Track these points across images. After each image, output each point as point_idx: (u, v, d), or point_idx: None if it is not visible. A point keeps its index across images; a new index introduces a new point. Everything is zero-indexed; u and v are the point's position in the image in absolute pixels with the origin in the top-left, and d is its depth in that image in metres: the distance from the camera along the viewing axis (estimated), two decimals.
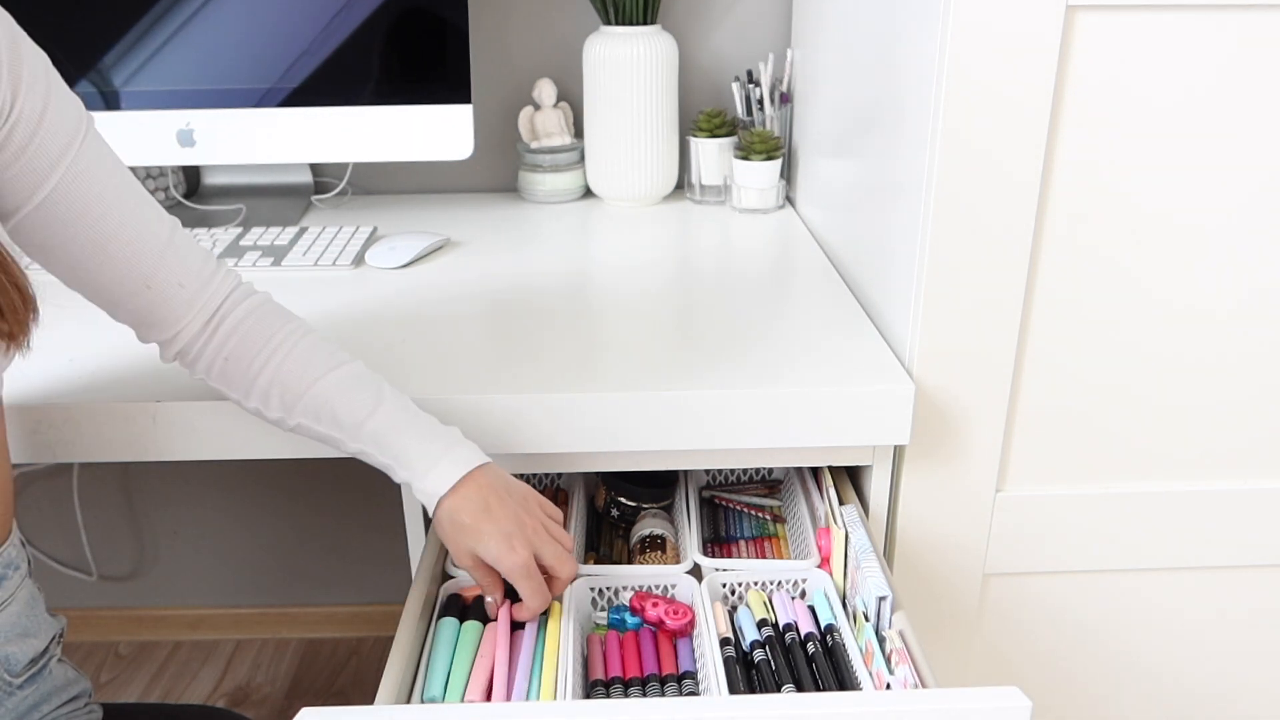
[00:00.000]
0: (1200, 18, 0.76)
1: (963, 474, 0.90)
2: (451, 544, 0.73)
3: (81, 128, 0.64)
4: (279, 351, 0.73)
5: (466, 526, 0.72)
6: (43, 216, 0.64)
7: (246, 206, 1.32)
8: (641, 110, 1.29)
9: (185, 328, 0.72)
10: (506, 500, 0.73)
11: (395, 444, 0.73)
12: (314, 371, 0.73)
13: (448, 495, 0.72)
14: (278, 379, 0.73)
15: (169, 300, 0.71)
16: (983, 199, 0.80)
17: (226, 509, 1.70)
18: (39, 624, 0.74)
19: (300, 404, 0.73)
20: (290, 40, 1.20)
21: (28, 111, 0.60)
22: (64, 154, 0.63)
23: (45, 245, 0.66)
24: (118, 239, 0.67)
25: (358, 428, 0.73)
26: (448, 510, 0.72)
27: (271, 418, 0.74)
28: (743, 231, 1.25)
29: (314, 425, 0.73)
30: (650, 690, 0.72)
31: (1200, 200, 0.82)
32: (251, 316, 0.74)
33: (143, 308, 0.70)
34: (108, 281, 0.68)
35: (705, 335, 0.92)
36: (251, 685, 1.70)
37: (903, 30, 0.86)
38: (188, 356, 0.74)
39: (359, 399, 0.73)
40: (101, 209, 0.66)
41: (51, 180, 0.63)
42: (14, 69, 0.59)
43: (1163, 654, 1.00)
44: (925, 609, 0.96)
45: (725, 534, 0.94)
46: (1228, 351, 0.88)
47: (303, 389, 0.73)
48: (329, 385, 0.73)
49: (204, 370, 0.74)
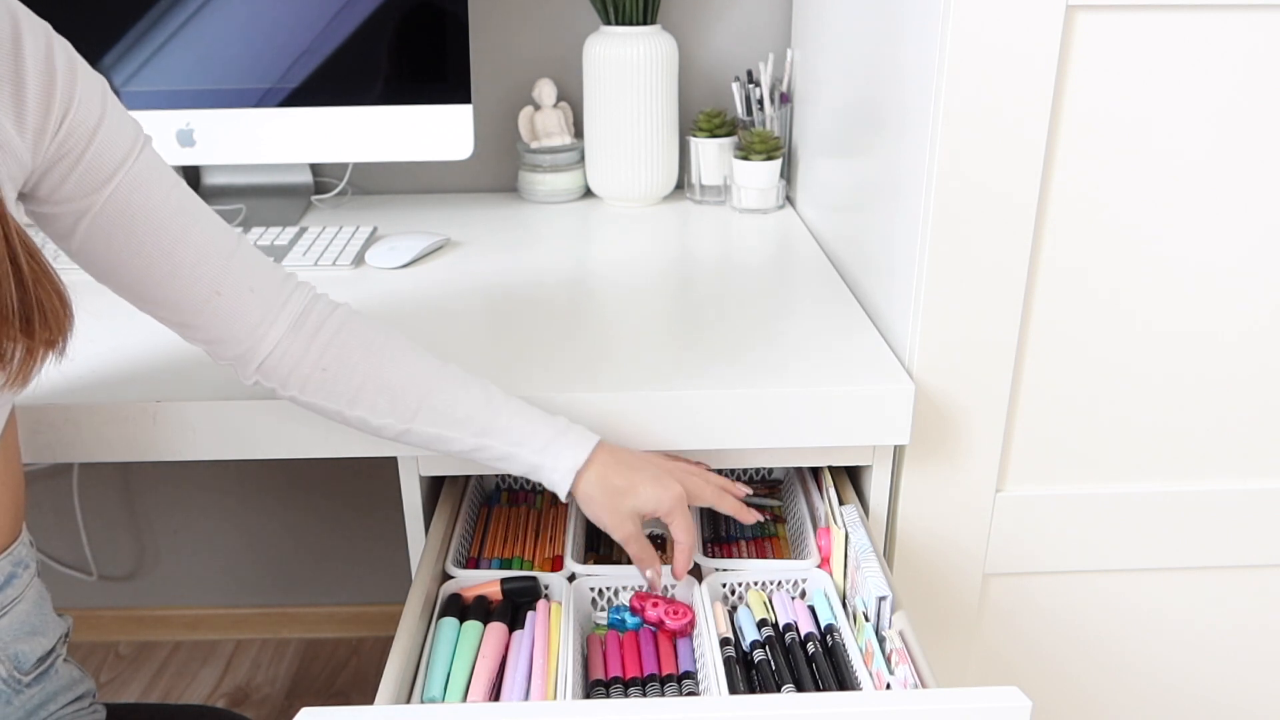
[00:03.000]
0: (1200, 18, 0.76)
1: (963, 474, 0.90)
2: (609, 512, 0.75)
3: (138, 145, 0.66)
4: (383, 357, 0.74)
5: (620, 487, 0.75)
6: (103, 227, 0.65)
7: (246, 206, 1.32)
8: (641, 110, 1.29)
9: (265, 336, 0.71)
10: (638, 455, 0.78)
11: (519, 430, 0.75)
12: (424, 373, 0.74)
13: (586, 467, 0.75)
14: (387, 385, 0.73)
15: (242, 307, 0.70)
16: (983, 199, 0.80)
17: (227, 509, 1.70)
18: (47, 623, 0.75)
19: (415, 407, 0.73)
20: (290, 40, 1.20)
21: (81, 127, 0.62)
22: (119, 168, 0.65)
23: (110, 261, 0.67)
24: (182, 245, 0.68)
25: (478, 421, 0.74)
26: (595, 480, 0.75)
27: (377, 423, 0.74)
28: (743, 231, 1.25)
29: (427, 427, 0.74)
30: (650, 690, 0.72)
31: (1201, 200, 0.82)
32: (346, 327, 0.74)
33: (215, 318, 0.70)
34: (176, 292, 0.69)
35: (705, 335, 0.92)
36: (251, 685, 1.70)
37: (903, 30, 0.86)
38: (274, 370, 0.72)
39: (473, 394, 0.75)
40: (162, 217, 0.67)
41: (107, 190, 0.64)
42: (68, 87, 0.62)
43: (1163, 654, 1.00)
44: (925, 609, 0.96)
45: (725, 534, 0.94)
46: (1228, 352, 0.88)
47: (418, 392, 0.73)
48: (443, 385, 0.74)
49: (297, 384, 0.73)
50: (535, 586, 0.80)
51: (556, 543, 0.90)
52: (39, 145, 0.61)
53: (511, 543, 0.91)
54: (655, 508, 0.76)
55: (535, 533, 0.92)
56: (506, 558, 0.88)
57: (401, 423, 0.74)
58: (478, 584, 0.81)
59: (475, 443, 0.74)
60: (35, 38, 0.61)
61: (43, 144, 0.61)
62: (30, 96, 0.60)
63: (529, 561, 0.88)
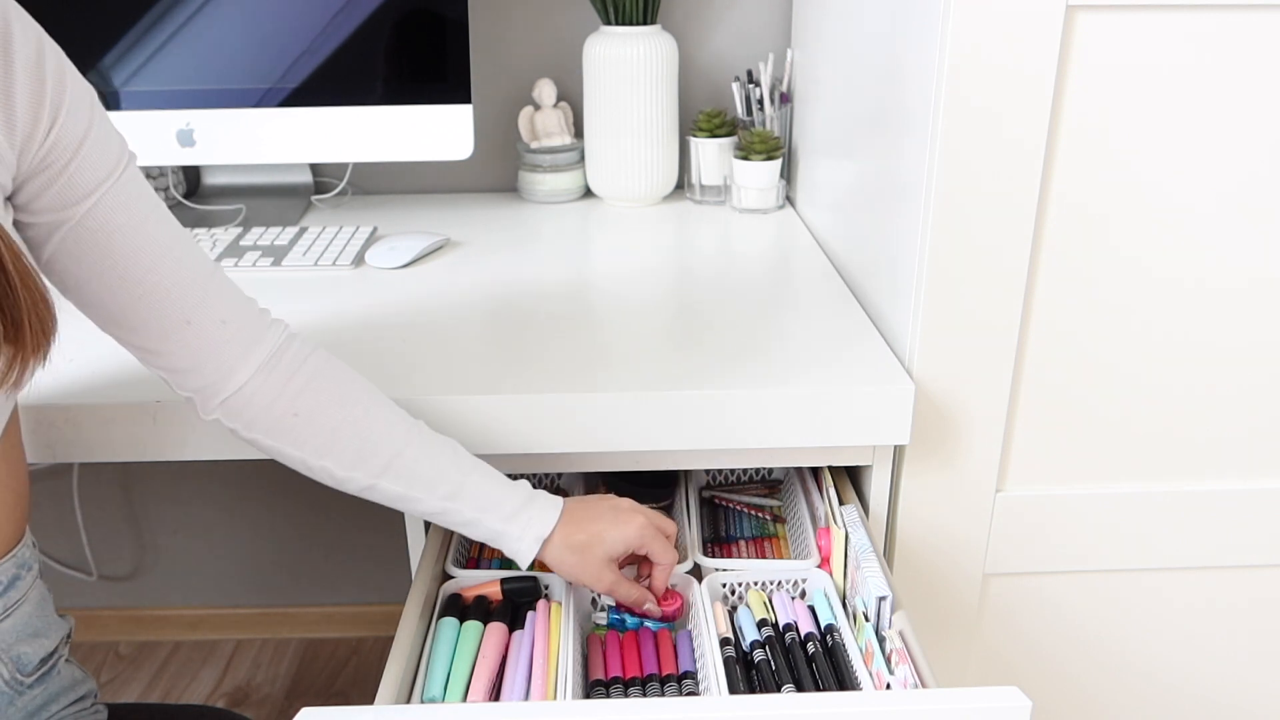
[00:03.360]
0: (1200, 18, 0.76)
1: (963, 474, 0.90)
2: (582, 570, 0.75)
3: (121, 163, 0.64)
4: (357, 409, 0.72)
5: (584, 542, 0.75)
6: (76, 244, 0.63)
7: (246, 206, 1.32)
8: (641, 110, 1.29)
9: (234, 372, 0.69)
10: (591, 506, 0.78)
11: (486, 496, 0.74)
12: (397, 432, 0.73)
13: (552, 534, 0.75)
14: (358, 437, 0.71)
15: (211, 339, 0.68)
16: (983, 199, 0.80)
17: (226, 509, 1.70)
18: (49, 624, 0.75)
19: (385, 464, 0.72)
20: (290, 40, 1.20)
21: (66, 138, 0.61)
22: (101, 184, 0.63)
23: (79, 278, 0.65)
24: (156, 270, 0.65)
25: (446, 484, 0.73)
26: (560, 544, 0.75)
27: (341, 475, 0.72)
28: (742, 231, 1.25)
29: (392, 486, 0.72)
30: (650, 690, 0.72)
31: (1201, 201, 0.82)
32: (321, 374, 0.72)
33: (182, 348, 0.68)
34: (144, 317, 0.66)
35: (705, 335, 0.92)
36: (251, 685, 1.70)
37: (903, 30, 0.86)
38: (240, 410, 0.70)
39: (443, 458, 0.74)
40: (139, 240, 0.65)
41: (85, 205, 0.62)
42: (57, 96, 0.60)
43: (1163, 654, 1.00)
44: (925, 609, 0.96)
45: (725, 534, 0.94)
46: (1228, 352, 0.88)
47: (390, 449, 0.72)
48: (414, 446, 0.73)
49: (264, 427, 0.70)
50: (535, 586, 0.80)
51: None
52: (25, 152, 0.59)
53: None
54: (625, 547, 0.76)
55: None
56: (506, 558, 0.88)
57: (368, 478, 0.72)
58: (478, 584, 0.81)
59: (441, 506, 0.73)
60: (26, 40, 0.59)
61: (29, 152, 0.60)
62: (19, 103, 0.58)
63: None
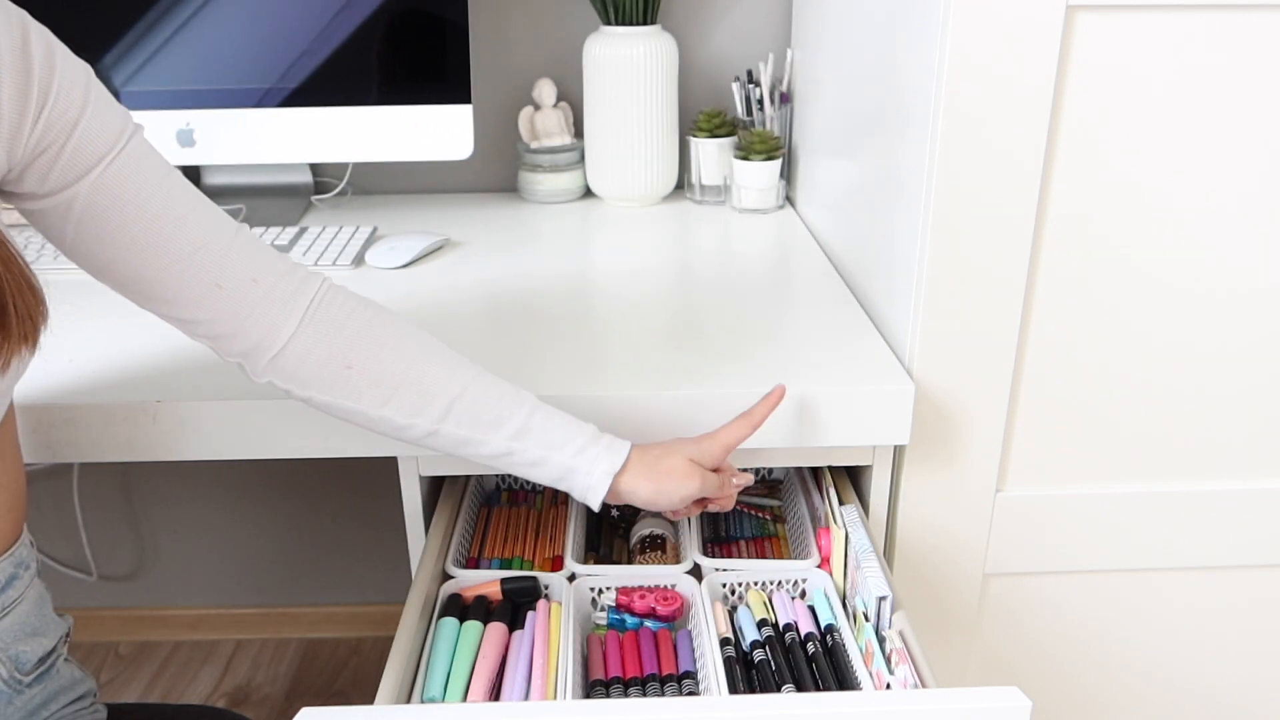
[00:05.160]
0: (1200, 18, 0.76)
1: (963, 474, 0.90)
2: (660, 486, 0.74)
3: (125, 134, 0.63)
4: (414, 354, 0.71)
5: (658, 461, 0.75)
6: (93, 221, 0.63)
7: (246, 206, 1.32)
8: (641, 110, 1.29)
9: (277, 330, 0.68)
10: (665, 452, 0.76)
11: (554, 434, 0.72)
12: (457, 375, 0.71)
13: (623, 471, 0.73)
14: (417, 384, 0.70)
15: (245, 299, 0.67)
16: (983, 199, 0.80)
17: (226, 509, 1.70)
18: (47, 623, 0.75)
19: (446, 408, 0.70)
20: (290, 40, 1.20)
21: (60, 119, 0.60)
22: (103, 157, 0.62)
23: (104, 259, 0.64)
24: (176, 236, 0.64)
25: (512, 424, 0.71)
26: (636, 473, 0.74)
27: (403, 423, 0.70)
28: (743, 231, 1.25)
29: (456, 429, 0.71)
30: (650, 690, 0.72)
31: (1201, 201, 0.82)
32: (372, 322, 0.71)
33: (219, 313, 0.67)
34: (174, 286, 0.65)
35: (705, 335, 0.92)
36: (251, 685, 1.70)
37: (903, 30, 0.86)
38: (292, 369, 0.69)
39: (505, 399, 0.72)
40: (154, 209, 0.64)
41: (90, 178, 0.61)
42: (45, 78, 0.59)
43: (1163, 654, 1.00)
44: (925, 609, 0.96)
45: (725, 534, 0.94)
46: (1227, 352, 0.88)
47: (451, 392, 0.70)
48: (475, 388, 0.71)
49: (320, 384, 0.69)
50: (535, 586, 0.80)
51: (557, 543, 0.90)
52: (16, 140, 0.59)
53: (511, 543, 0.91)
54: (686, 499, 0.76)
55: (535, 533, 0.92)
56: (506, 558, 0.88)
57: (431, 424, 0.70)
58: (478, 584, 0.81)
59: (507, 446, 0.71)
60: (10, 27, 0.58)
61: (20, 139, 0.59)
62: (3, 90, 0.57)
63: (529, 561, 0.88)
